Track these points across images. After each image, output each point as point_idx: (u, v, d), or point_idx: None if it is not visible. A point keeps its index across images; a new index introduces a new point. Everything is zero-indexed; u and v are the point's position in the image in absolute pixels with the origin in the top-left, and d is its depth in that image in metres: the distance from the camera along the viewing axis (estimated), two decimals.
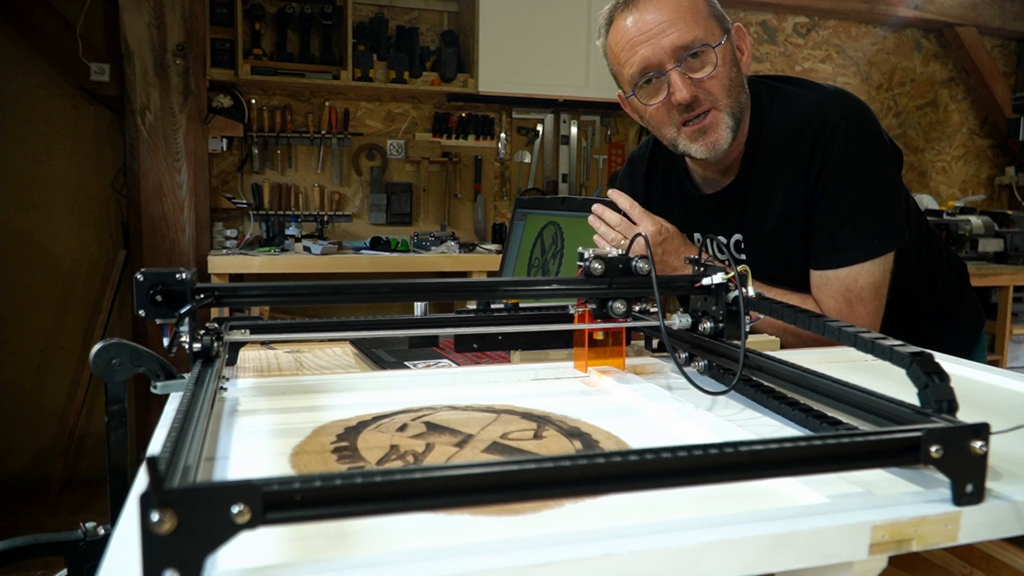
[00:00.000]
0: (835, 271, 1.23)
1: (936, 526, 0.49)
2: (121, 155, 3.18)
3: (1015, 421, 0.69)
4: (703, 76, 1.18)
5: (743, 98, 1.24)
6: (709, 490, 0.52)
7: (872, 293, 1.22)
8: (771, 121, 1.26)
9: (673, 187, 1.42)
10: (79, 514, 2.86)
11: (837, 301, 1.23)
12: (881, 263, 1.22)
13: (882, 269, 1.23)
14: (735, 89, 1.22)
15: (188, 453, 0.48)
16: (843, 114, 1.21)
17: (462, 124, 3.68)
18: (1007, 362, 3.63)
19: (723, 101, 1.20)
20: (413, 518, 0.48)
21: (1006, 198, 4.77)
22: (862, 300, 1.22)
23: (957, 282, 1.46)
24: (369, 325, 0.90)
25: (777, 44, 4.21)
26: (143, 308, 0.73)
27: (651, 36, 1.18)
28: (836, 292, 1.23)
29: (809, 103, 1.24)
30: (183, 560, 0.37)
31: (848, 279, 1.22)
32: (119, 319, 3.24)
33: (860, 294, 1.22)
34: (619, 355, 0.89)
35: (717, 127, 1.21)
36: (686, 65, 1.18)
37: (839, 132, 1.20)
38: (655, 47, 1.18)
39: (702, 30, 1.18)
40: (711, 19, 1.20)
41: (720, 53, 1.19)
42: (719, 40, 1.19)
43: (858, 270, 1.21)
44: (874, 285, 1.22)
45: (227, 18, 3.19)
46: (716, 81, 1.19)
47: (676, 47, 1.17)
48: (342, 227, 3.56)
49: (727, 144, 1.22)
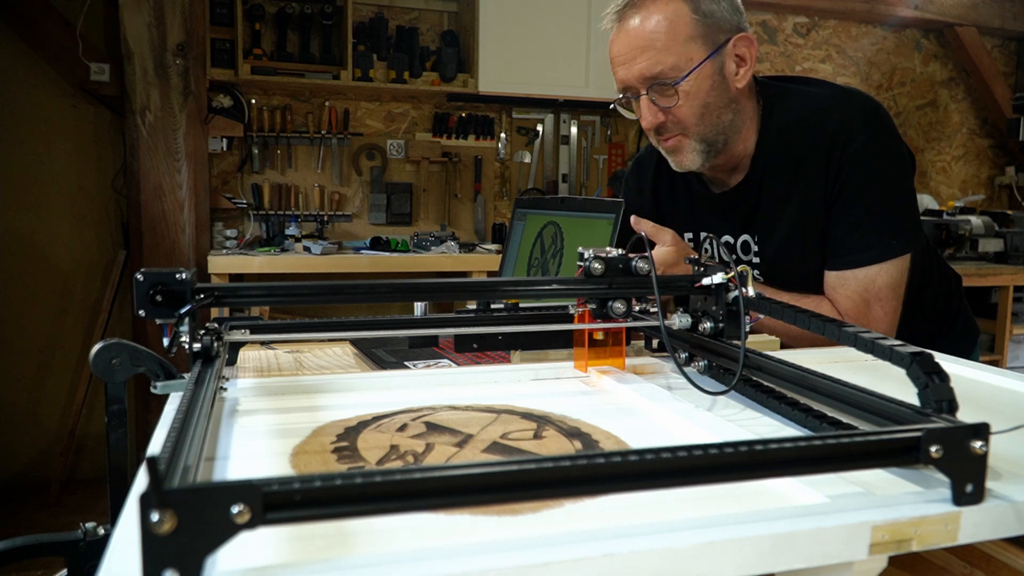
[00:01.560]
0: (852, 271, 1.21)
1: (936, 526, 0.49)
2: (121, 155, 3.18)
3: (1015, 421, 0.69)
4: (670, 105, 1.20)
5: (727, 116, 1.23)
6: (709, 490, 0.52)
7: (890, 293, 1.21)
8: (784, 120, 1.25)
9: (679, 186, 1.41)
10: (79, 514, 2.86)
11: (854, 302, 1.21)
12: (899, 263, 1.21)
13: (900, 269, 1.22)
14: (711, 112, 1.21)
15: (188, 453, 0.48)
16: (862, 112, 1.20)
17: (462, 124, 3.68)
18: (1007, 362, 3.63)
19: (692, 128, 1.22)
20: (413, 518, 0.48)
21: (1006, 198, 4.77)
22: (880, 300, 1.21)
23: (952, 293, 1.45)
24: (369, 325, 0.90)
25: (777, 44, 4.21)
26: (143, 308, 0.73)
27: (626, 60, 1.21)
28: (853, 292, 1.22)
29: (826, 101, 1.23)
30: (183, 560, 0.37)
31: (866, 279, 1.21)
32: (119, 319, 3.24)
33: (878, 294, 1.21)
34: (619, 355, 0.89)
35: (682, 150, 1.24)
36: (654, 92, 1.20)
37: (858, 130, 1.19)
38: (629, 71, 1.21)
39: (673, 58, 1.17)
40: (691, 42, 1.18)
41: (693, 81, 1.18)
42: (697, 63, 1.18)
43: (876, 270, 1.20)
44: (892, 285, 1.21)
45: (227, 18, 3.19)
46: (684, 109, 1.20)
47: (643, 77, 1.19)
48: (342, 227, 3.56)
49: (697, 165, 1.25)
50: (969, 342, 1.46)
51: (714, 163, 1.28)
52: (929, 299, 1.38)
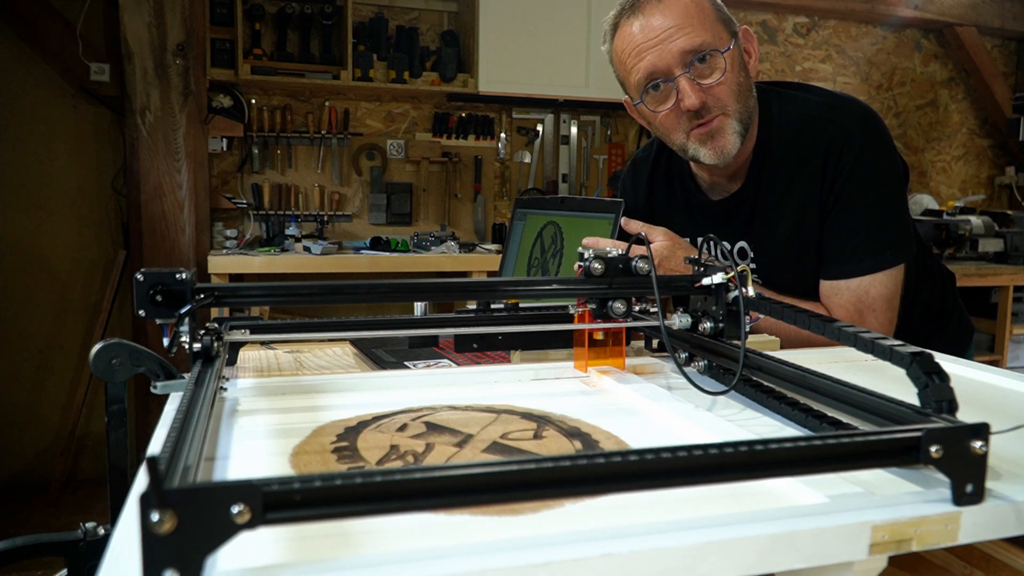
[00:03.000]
0: (847, 281, 1.22)
1: (936, 526, 0.49)
2: (121, 155, 3.18)
3: (1015, 421, 0.69)
4: (712, 82, 1.17)
5: (751, 103, 1.22)
6: (709, 490, 0.52)
7: (884, 304, 1.22)
8: (781, 127, 1.25)
9: (676, 191, 1.40)
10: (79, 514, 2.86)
11: (848, 311, 1.22)
12: (893, 274, 1.22)
13: (894, 280, 1.22)
14: (743, 94, 1.20)
15: (188, 453, 0.48)
16: (858, 121, 1.20)
17: (462, 124, 3.68)
18: (1007, 362, 3.63)
19: (732, 107, 1.19)
20: (413, 518, 0.48)
21: (1006, 198, 4.77)
22: (874, 311, 1.21)
23: (947, 293, 1.45)
24: (369, 325, 0.90)
25: (777, 44, 4.21)
26: (143, 308, 0.73)
27: (658, 42, 1.16)
28: (847, 302, 1.22)
29: (822, 108, 1.23)
30: (183, 560, 0.37)
31: (860, 289, 1.21)
32: (119, 319, 3.24)
33: (872, 305, 1.21)
34: (619, 355, 0.89)
35: (724, 132, 1.19)
36: (694, 71, 1.16)
37: (854, 139, 1.19)
38: (662, 52, 1.16)
39: (710, 35, 1.16)
40: (718, 23, 1.18)
41: (728, 58, 1.17)
42: (727, 45, 1.18)
43: (870, 280, 1.21)
44: (886, 296, 1.22)
45: (227, 18, 3.19)
46: (725, 87, 1.17)
47: (684, 52, 1.15)
48: (342, 227, 3.56)
49: (735, 150, 1.20)
50: (964, 341, 1.47)
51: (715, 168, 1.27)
52: (923, 301, 1.38)
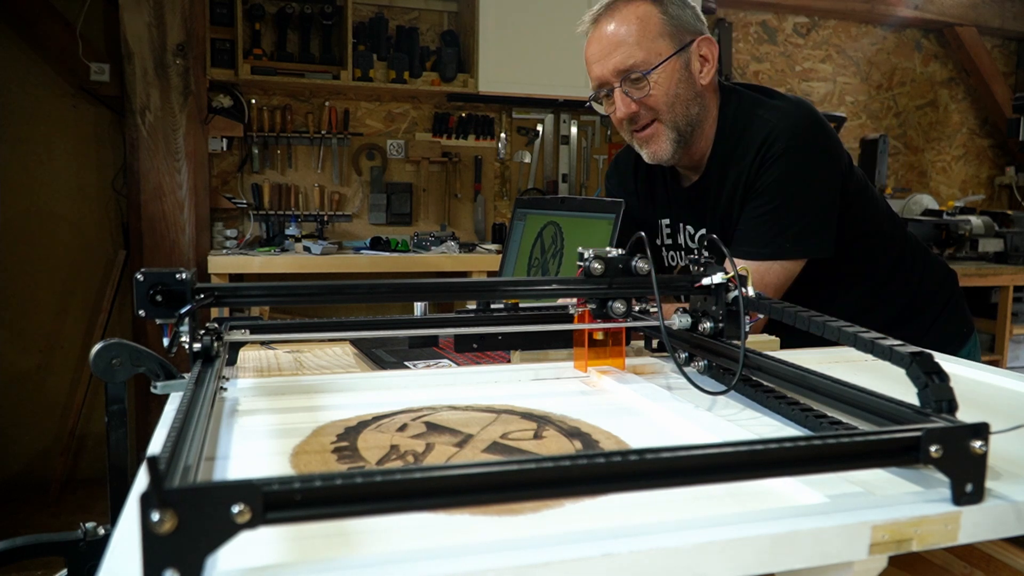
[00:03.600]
0: (746, 263, 1.27)
1: (936, 526, 0.49)
2: (121, 155, 3.18)
3: (1015, 421, 0.69)
4: (642, 95, 1.30)
5: (695, 109, 1.33)
6: (709, 490, 0.52)
7: (773, 292, 1.30)
8: (734, 124, 1.35)
9: (657, 176, 1.49)
10: (79, 514, 2.86)
11: None
12: (789, 266, 1.29)
13: (788, 272, 1.30)
14: (681, 103, 1.31)
15: (188, 453, 0.48)
16: (789, 125, 1.28)
17: (462, 124, 3.68)
18: (1007, 362, 3.63)
19: (666, 116, 1.31)
20: (413, 518, 0.48)
21: (1006, 198, 4.77)
22: None
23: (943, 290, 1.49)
24: (369, 325, 0.90)
25: (777, 44, 4.21)
26: (143, 308, 0.73)
27: (602, 56, 1.31)
28: None
29: (766, 109, 1.32)
30: (183, 560, 0.37)
31: (756, 273, 1.27)
32: (119, 319, 3.24)
33: (764, 290, 1.27)
34: (619, 355, 0.89)
35: (658, 138, 1.32)
36: (626, 84, 1.30)
37: (780, 141, 1.28)
38: (604, 66, 1.30)
39: (644, 53, 1.28)
40: (661, 39, 1.29)
41: (661, 73, 1.28)
42: (664, 58, 1.28)
43: (767, 267, 1.28)
44: (777, 285, 1.30)
45: (227, 18, 3.19)
46: (655, 99, 1.30)
47: (617, 70, 1.29)
48: (342, 227, 3.56)
49: (667, 154, 1.33)
50: (959, 339, 1.48)
51: (681, 160, 1.36)
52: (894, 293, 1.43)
